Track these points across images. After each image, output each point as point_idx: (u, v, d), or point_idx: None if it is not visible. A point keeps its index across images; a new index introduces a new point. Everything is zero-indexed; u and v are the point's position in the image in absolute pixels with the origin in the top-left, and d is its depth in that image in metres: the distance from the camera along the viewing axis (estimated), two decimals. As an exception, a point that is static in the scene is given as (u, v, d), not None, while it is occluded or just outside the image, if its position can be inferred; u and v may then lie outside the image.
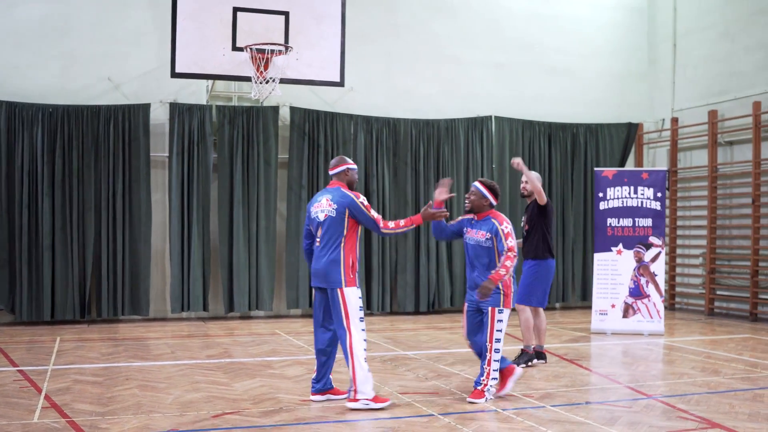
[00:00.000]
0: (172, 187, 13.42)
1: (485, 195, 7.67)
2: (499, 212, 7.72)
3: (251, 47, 10.60)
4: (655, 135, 16.25)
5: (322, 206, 7.26)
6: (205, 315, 13.83)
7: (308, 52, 10.85)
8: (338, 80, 11.52)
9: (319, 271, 7.26)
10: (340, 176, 7.41)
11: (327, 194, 7.32)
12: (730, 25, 14.60)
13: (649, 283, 12.15)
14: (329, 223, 7.19)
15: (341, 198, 7.19)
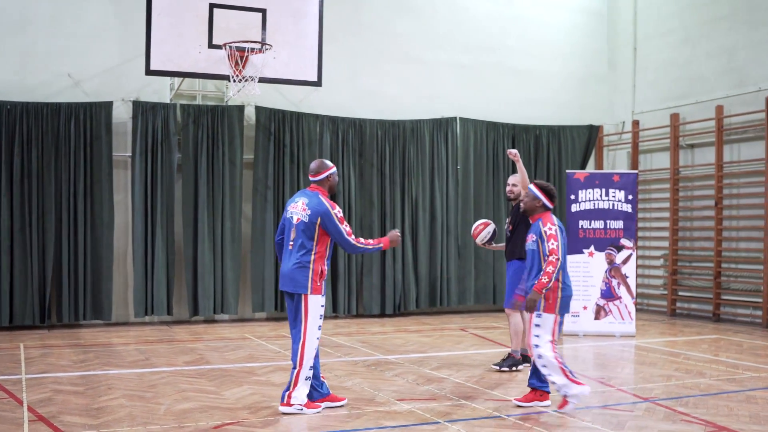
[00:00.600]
0: (135, 187, 13.04)
1: (537, 196, 7.41)
2: (550, 215, 7.40)
3: (230, 45, 10.32)
4: (615, 137, 16.43)
5: (297, 208, 7.19)
6: (169, 319, 13.46)
7: (285, 50, 10.62)
8: (315, 80, 11.32)
9: (286, 275, 7.18)
10: (322, 182, 7.30)
11: (305, 197, 7.23)
12: (691, 31, 14.83)
13: (620, 285, 12.25)
14: (301, 228, 7.12)
15: (317, 206, 7.10)
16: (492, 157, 15.43)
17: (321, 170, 7.28)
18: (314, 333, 7.11)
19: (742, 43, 13.84)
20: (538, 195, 7.40)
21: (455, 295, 15.04)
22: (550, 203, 7.42)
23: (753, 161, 13.46)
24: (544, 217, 7.36)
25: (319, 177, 7.27)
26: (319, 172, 7.28)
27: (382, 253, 14.46)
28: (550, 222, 7.28)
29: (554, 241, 7.15)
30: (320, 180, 7.27)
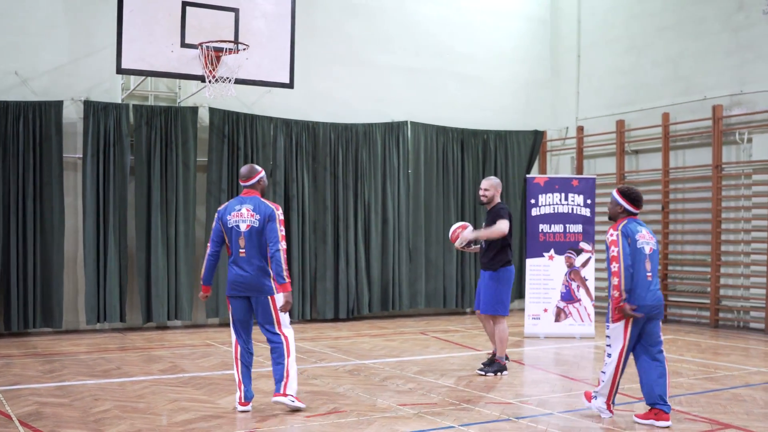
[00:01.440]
0: (87, 190, 12.59)
1: (618, 202, 7.12)
2: (624, 220, 7.03)
3: (205, 44, 10.06)
4: (559, 143, 16.76)
5: (243, 216, 7.30)
6: (121, 326, 13.03)
7: (257, 51, 10.42)
8: (288, 81, 11.17)
9: (248, 280, 7.29)
10: (254, 186, 7.48)
11: (247, 204, 7.35)
12: (636, 40, 15.26)
13: (579, 288, 12.49)
14: (254, 234, 7.26)
15: (265, 209, 7.31)
16: (442, 162, 15.53)
17: (252, 174, 7.47)
18: (289, 327, 7.49)
19: (688, 52, 14.32)
20: (618, 201, 7.11)
21: (407, 299, 15.06)
22: (633, 208, 7.08)
23: (699, 167, 13.94)
24: (617, 223, 7.06)
25: (251, 181, 7.46)
26: (251, 177, 7.46)
27: (336, 257, 14.38)
28: (613, 228, 6.98)
29: (614, 248, 6.86)
30: (253, 184, 7.46)
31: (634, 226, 7.00)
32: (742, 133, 13.30)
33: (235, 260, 7.35)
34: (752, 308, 13.21)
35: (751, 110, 13.23)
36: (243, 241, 7.29)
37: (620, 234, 6.89)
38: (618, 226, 6.98)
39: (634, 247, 6.90)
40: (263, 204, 7.34)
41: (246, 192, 7.46)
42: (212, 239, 7.52)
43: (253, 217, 7.28)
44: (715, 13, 13.93)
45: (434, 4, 15.86)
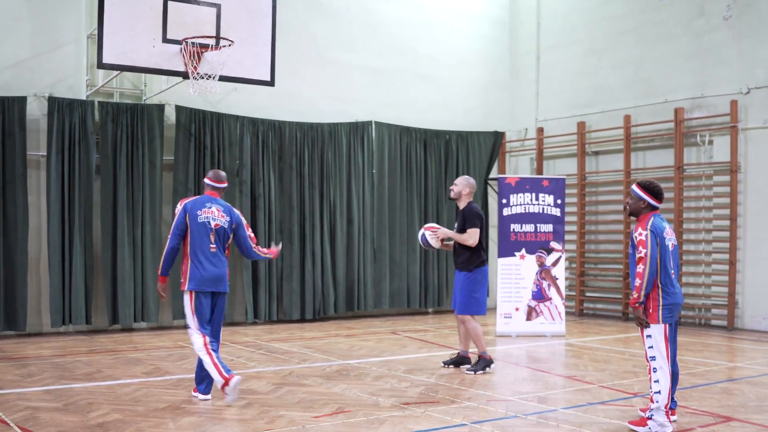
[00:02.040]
0: (51, 189, 12.24)
1: (641, 196, 6.86)
2: (650, 216, 6.78)
3: (188, 40, 9.85)
4: (518, 144, 16.95)
5: (213, 214, 7.69)
6: (85, 328, 12.69)
7: (239, 48, 10.24)
8: (268, 79, 11.03)
9: (219, 276, 7.68)
10: (221, 190, 7.93)
11: (217, 204, 7.77)
12: (597, 43, 15.54)
13: (550, 287, 12.65)
14: (221, 234, 7.70)
15: (232, 213, 7.83)
16: (405, 162, 15.55)
17: (224, 180, 7.97)
18: None
19: (649, 56, 14.64)
20: (641, 195, 6.86)
21: (371, 299, 15.05)
22: (656, 202, 6.86)
23: (661, 168, 14.26)
24: (640, 220, 6.84)
25: (223, 185, 7.93)
26: (223, 181, 7.94)
27: (302, 257, 14.27)
28: (642, 227, 6.73)
29: (642, 248, 6.63)
30: (221, 188, 7.92)
31: (660, 223, 6.81)
32: (703, 135, 13.66)
33: (205, 255, 7.60)
34: (713, 306, 13.56)
35: (712, 113, 13.60)
36: (213, 237, 7.61)
37: (650, 233, 6.68)
38: (647, 224, 6.72)
39: (663, 245, 6.74)
40: (231, 209, 7.87)
41: (212, 193, 7.82)
42: (175, 233, 7.69)
43: (224, 218, 7.72)
44: (675, 18, 14.28)
45: (397, 4, 15.89)
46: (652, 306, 6.72)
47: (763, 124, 13.03)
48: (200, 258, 7.60)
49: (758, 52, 13.13)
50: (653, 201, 6.85)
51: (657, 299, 6.71)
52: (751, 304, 13.11)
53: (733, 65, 13.41)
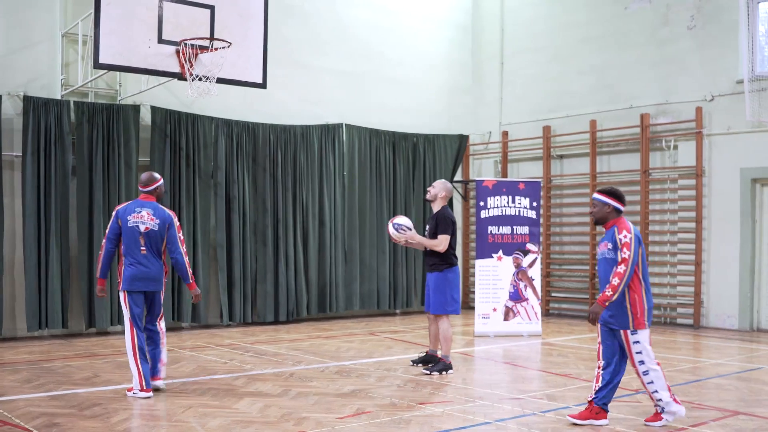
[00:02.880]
0: (27, 190, 11.99)
1: (606, 202, 6.99)
2: (625, 220, 6.94)
3: (186, 41, 9.77)
4: (482, 147, 17.22)
5: (143, 218, 8.14)
6: (60, 332, 12.44)
7: (232, 50, 10.19)
8: (261, 82, 11.01)
9: (149, 276, 8.15)
10: (152, 192, 8.30)
11: (147, 208, 8.18)
12: (561, 49, 15.92)
13: (527, 287, 12.92)
14: (152, 236, 8.14)
15: (163, 215, 8.21)
16: (375, 164, 15.67)
17: (152, 182, 8.30)
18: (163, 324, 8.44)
19: (613, 63, 15.08)
20: (606, 201, 7.00)
21: (343, 301, 15.12)
22: (621, 205, 7.01)
23: (627, 172, 14.69)
24: (619, 223, 6.91)
25: (150, 188, 8.28)
26: (150, 184, 8.29)
27: (276, 259, 14.25)
28: (626, 229, 6.82)
29: (627, 251, 6.70)
30: (150, 190, 8.28)
31: (636, 228, 6.96)
32: (668, 140, 14.13)
33: (136, 258, 8.11)
34: (679, 305, 14.04)
35: (677, 119, 14.09)
36: (143, 240, 8.11)
37: (635, 239, 6.78)
38: (630, 228, 6.85)
39: (643, 253, 6.89)
40: (161, 210, 8.23)
41: (144, 197, 8.27)
42: (109, 237, 8.22)
43: (153, 221, 8.14)
44: (640, 27, 14.73)
45: (365, 8, 15.99)
46: (639, 311, 6.81)
47: (727, 131, 13.56)
48: (131, 260, 8.11)
49: (721, 61, 13.66)
50: (619, 205, 7.00)
51: (643, 302, 6.84)
52: (716, 303, 13.63)
53: (697, 73, 13.92)
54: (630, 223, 6.94)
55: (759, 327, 13.39)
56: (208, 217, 13.65)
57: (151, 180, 8.32)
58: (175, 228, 8.25)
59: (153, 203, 8.24)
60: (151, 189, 8.29)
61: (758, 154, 13.20)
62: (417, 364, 9.98)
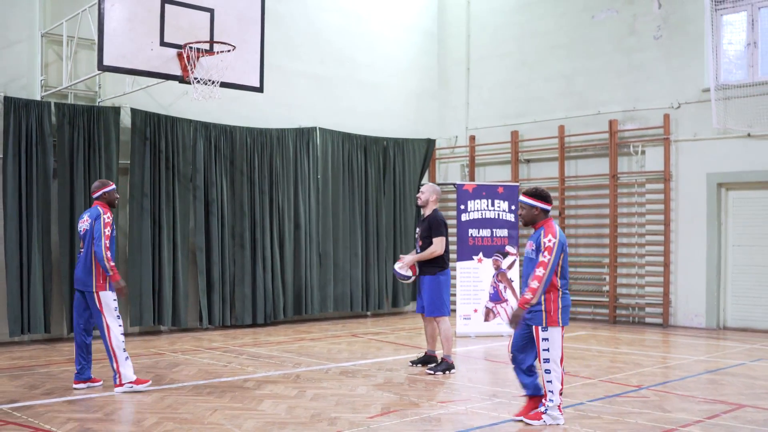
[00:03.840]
0: (8, 193, 11.77)
1: (532, 204, 7.12)
2: (553, 223, 7.09)
3: (193, 45, 9.75)
4: (448, 151, 17.51)
5: (84, 222, 8.63)
6: (41, 337, 12.23)
7: (231, 53, 10.21)
8: (258, 86, 11.03)
9: (78, 276, 8.55)
10: (100, 197, 8.68)
11: (88, 213, 8.67)
12: (528, 56, 16.30)
13: (506, 289, 13.22)
14: (87, 236, 8.51)
15: (94, 212, 8.54)
16: (347, 168, 15.80)
17: (98, 188, 8.71)
18: (115, 321, 8.55)
19: (581, 70, 15.52)
20: (532, 203, 7.13)
21: (317, 303, 15.20)
22: (548, 206, 7.14)
23: (596, 176, 15.15)
24: (546, 226, 7.05)
25: (97, 194, 8.68)
26: (97, 190, 8.70)
27: (253, 262, 14.25)
28: (552, 233, 6.95)
29: (548, 254, 6.86)
30: (98, 196, 8.68)
31: (561, 232, 7.11)
32: (636, 146, 14.63)
33: (78, 258, 8.64)
34: (647, 305, 14.54)
35: (644, 125, 14.60)
36: (83, 243, 8.57)
37: (558, 243, 6.93)
38: (556, 232, 6.99)
39: (565, 253, 7.03)
40: (96, 210, 8.53)
41: (95, 203, 8.66)
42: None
43: (87, 222, 8.54)
44: (607, 36, 15.21)
45: (336, 12, 16.11)
46: (552, 309, 6.98)
47: (693, 137, 14.11)
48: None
49: (687, 70, 14.21)
50: (545, 206, 7.13)
51: (557, 302, 7.00)
52: (684, 302, 14.17)
53: (664, 81, 14.45)
54: (557, 228, 7.07)
55: (725, 325, 13.96)
56: (187, 220, 13.59)
57: (98, 186, 8.72)
58: (99, 222, 8.38)
59: (94, 208, 8.58)
60: (97, 195, 8.67)
61: (723, 160, 13.78)
62: (416, 364, 10.16)
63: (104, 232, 8.33)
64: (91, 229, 8.40)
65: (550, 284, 6.97)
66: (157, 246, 13.14)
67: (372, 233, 16.10)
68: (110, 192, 8.71)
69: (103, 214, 8.45)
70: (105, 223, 8.37)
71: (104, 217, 8.41)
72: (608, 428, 7.03)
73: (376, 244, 16.17)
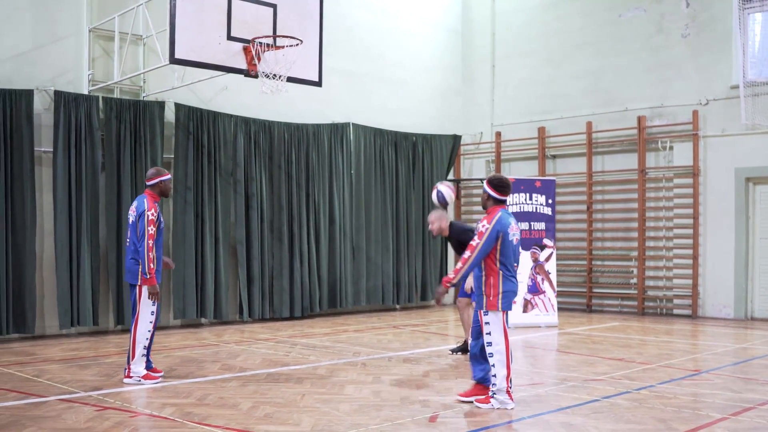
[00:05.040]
0: (58, 186, 11.89)
1: (485, 190, 7.36)
2: (497, 211, 7.19)
3: (259, 39, 9.93)
4: (473, 147, 17.78)
5: (131, 211, 8.49)
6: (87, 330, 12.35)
7: (293, 48, 10.40)
8: (317, 80, 11.24)
9: (126, 268, 8.52)
10: (152, 187, 8.51)
11: (136, 201, 8.51)
12: (555, 53, 16.60)
13: (544, 281, 13.51)
14: (132, 228, 8.42)
15: (140, 207, 8.35)
16: (379, 163, 16.02)
17: (153, 177, 8.52)
18: (147, 318, 8.40)
19: (607, 67, 15.84)
20: (485, 189, 7.34)
21: (351, 297, 15.42)
22: (498, 195, 7.27)
23: (624, 171, 15.48)
24: (489, 213, 7.25)
25: (151, 182, 8.50)
26: (151, 178, 8.51)
27: (291, 256, 14.43)
28: (488, 220, 7.14)
29: (478, 239, 7.06)
30: (152, 185, 8.50)
31: (506, 219, 7.20)
32: (664, 141, 14.96)
33: (126, 248, 8.59)
34: (675, 296, 14.87)
35: (672, 121, 14.93)
36: (129, 232, 8.47)
37: (492, 229, 7.08)
38: (493, 219, 7.12)
39: (505, 240, 7.13)
40: (142, 202, 8.35)
41: (145, 191, 8.49)
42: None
43: (133, 213, 8.38)
44: (634, 34, 15.54)
45: (366, 9, 16.31)
46: (492, 293, 7.13)
47: (721, 133, 14.47)
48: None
49: (715, 67, 14.56)
50: (495, 194, 7.27)
51: (498, 286, 7.14)
52: (712, 294, 14.52)
53: (692, 78, 14.79)
54: (501, 216, 7.14)
55: (753, 316, 14.32)
56: (228, 215, 13.76)
57: (153, 174, 8.53)
58: (143, 220, 8.21)
59: (142, 197, 8.42)
60: (150, 183, 8.50)
61: (751, 155, 14.13)
62: (456, 352, 10.35)
63: (148, 230, 8.16)
64: (135, 224, 8.28)
65: (489, 269, 7.14)
66: (200, 240, 13.30)
67: (402, 228, 16.34)
68: (166, 181, 8.53)
69: (148, 210, 8.23)
70: (149, 221, 8.19)
71: (149, 214, 8.21)
72: (692, 406, 7.31)
73: (407, 239, 16.41)
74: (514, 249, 7.27)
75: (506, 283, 7.17)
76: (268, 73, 10.07)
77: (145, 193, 8.45)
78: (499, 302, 7.14)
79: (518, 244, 7.35)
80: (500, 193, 7.30)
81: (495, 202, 7.30)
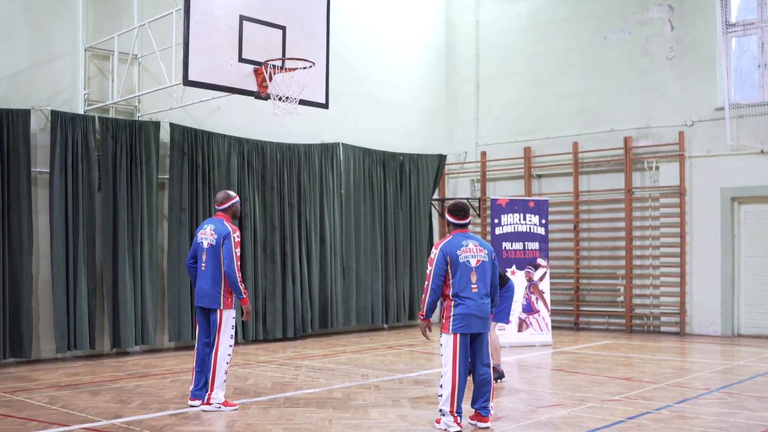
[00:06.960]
0: (54, 207, 11.71)
1: (444, 216, 7.67)
2: (449, 237, 7.39)
3: (271, 62, 9.92)
4: (457, 166, 17.90)
5: (206, 234, 8.46)
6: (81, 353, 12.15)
7: (301, 71, 10.42)
8: (323, 102, 11.24)
9: (200, 292, 8.42)
10: (226, 210, 8.61)
11: (212, 224, 8.54)
12: (539, 75, 16.81)
13: (538, 300, 13.63)
14: (210, 251, 8.36)
15: (221, 230, 8.39)
16: (368, 182, 16.05)
17: (225, 200, 8.61)
18: (227, 341, 8.34)
19: (593, 88, 16.09)
20: (446, 216, 7.57)
21: (342, 316, 15.40)
22: (454, 219, 7.42)
23: (610, 191, 15.72)
24: (444, 239, 7.46)
25: (224, 206, 8.59)
26: (224, 202, 8.60)
27: (283, 276, 14.38)
28: (435, 246, 7.38)
29: (429, 266, 7.32)
30: (225, 208, 8.59)
31: (457, 242, 7.31)
32: (650, 161, 15.23)
33: (200, 273, 8.42)
34: (663, 314, 15.11)
35: (658, 142, 15.21)
36: (205, 256, 8.39)
37: (438, 253, 7.27)
38: (440, 244, 7.35)
39: (455, 262, 7.22)
40: (223, 225, 8.41)
41: (217, 214, 8.60)
42: (190, 253, 8.68)
43: (212, 236, 8.37)
44: (619, 56, 15.82)
45: (353, 29, 16.34)
46: (445, 316, 7.30)
47: (707, 153, 14.78)
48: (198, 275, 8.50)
49: (700, 90, 14.89)
50: (451, 218, 7.47)
51: (449, 310, 7.28)
52: (699, 312, 14.79)
53: (677, 100, 15.10)
54: (450, 239, 7.34)
55: (739, 333, 14.61)
56: (222, 235, 13.65)
57: (225, 198, 8.60)
58: (230, 242, 8.26)
59: (219, 220, 8.47)
60: (224, 207, 8.56)
61: (736, 175, 14.46)
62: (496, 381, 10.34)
63: (235, 252, 8.24)
64: (218, 246, 8.25)
65: (443, 294, 7.34)
66: (195, 260, 13.17)
67: (390, 247, 16.38)
68: (236, 204, 8.62)
69: (233, 232, 8.32)
70: (236, 243, 8.28)
71: (234, 236, 8.29)
72: (718, 426, 7.44)
73: (395, 258, 16.45)
74: (477, 270, 7.28)
75: (458, 307, 7.24)
76: (279, 96, 10.04)
77: (220, 216, 8.54)
78: (450, 325, 7.24)
79: (481, 265, 7.33)
80: (455, 217, 7.44)
81: (453, 227, 7.46)
